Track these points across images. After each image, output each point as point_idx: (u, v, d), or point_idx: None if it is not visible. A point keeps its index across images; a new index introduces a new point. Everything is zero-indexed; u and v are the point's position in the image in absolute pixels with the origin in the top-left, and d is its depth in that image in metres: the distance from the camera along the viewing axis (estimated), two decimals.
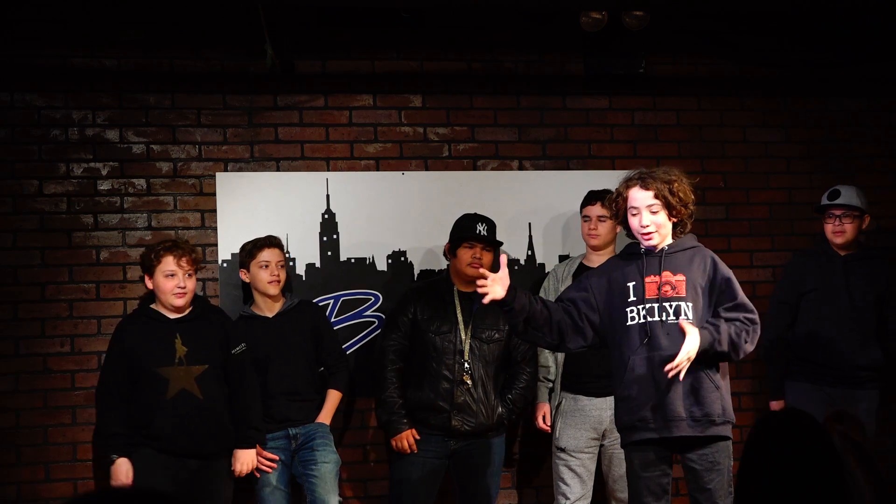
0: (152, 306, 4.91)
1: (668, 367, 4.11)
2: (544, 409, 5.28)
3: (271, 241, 5.16)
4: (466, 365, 5.04)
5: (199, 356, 4.82)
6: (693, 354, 4.12)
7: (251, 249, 5.14)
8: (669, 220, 4.31)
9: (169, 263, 4.82)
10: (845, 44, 5.91)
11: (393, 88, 5.65)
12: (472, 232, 5.09)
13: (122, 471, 4.73)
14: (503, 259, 4.26)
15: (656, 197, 4.26)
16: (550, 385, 5.28)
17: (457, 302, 5.13)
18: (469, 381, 5.02)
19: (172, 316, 4.86)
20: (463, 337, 5.07)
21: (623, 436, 4.40)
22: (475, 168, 5.69)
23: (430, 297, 5.16)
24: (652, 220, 4.28)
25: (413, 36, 5.66)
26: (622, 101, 5.85)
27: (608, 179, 5.51)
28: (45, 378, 5.25)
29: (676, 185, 4.28)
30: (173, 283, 4.81)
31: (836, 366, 5.29)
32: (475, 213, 5.21)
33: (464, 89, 5.70)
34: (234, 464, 4.88)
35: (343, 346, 5.39)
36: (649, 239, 4.30)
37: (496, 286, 4.15)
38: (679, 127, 5.92)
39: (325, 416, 5.14)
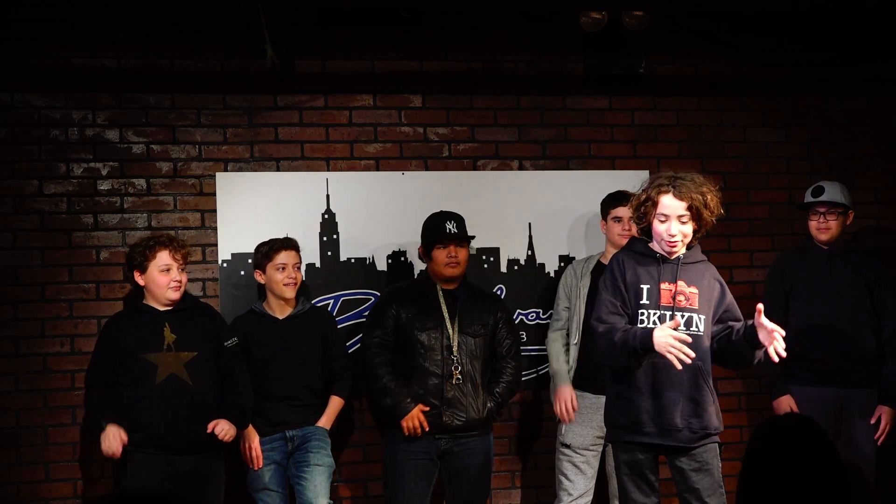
0: (144, 301, 4.88)
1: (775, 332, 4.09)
2: (570, 394, 5.19)
3: (288, 244, 5.13)
4: (455, 360, 5.04)
5: (188, 343, 4.79)
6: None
7: (267, 252, 5.10)
8: (698, 229, 4.29)
9: (164, 258, 4.80)
10: (845, 44, 5.91)
11: (393, 88, 5.64)
12: (442, 232, 5.10)
13: (113, 432, 4.63)
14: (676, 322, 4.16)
15: (689, 208, 4.21)
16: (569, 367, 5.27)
17: (441, 299, 5.13)
18: (459, 377, 5.02)
19: (162, 308, 4.85)
20: (450, 333, 5.07)
21: (612, 433, 4.40)
22: (475, 168, 5.68)
23: (413, 296, 5.14)
24: (680, 230, 4.23)
25: (413, 36, 5.66)
26: (622, 101, 5.85)
27: (608, 179, 5.54)
28: (45, 378, 5.25)
29: (710, 196, 4.23)
30: (169, 278, 4.80)
31: (831, 360, 5.25)
32: (442, 211, 5.20)
33: (464, 89, 5.70)
34: (216, 428, 4.72)
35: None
36: (673, 247, 4.26)
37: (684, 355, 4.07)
38: (679, 127, 5.91)
39: (326, 422, 5.11)
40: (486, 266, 5.59)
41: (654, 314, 4.24)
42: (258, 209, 5.44)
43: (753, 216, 5.94)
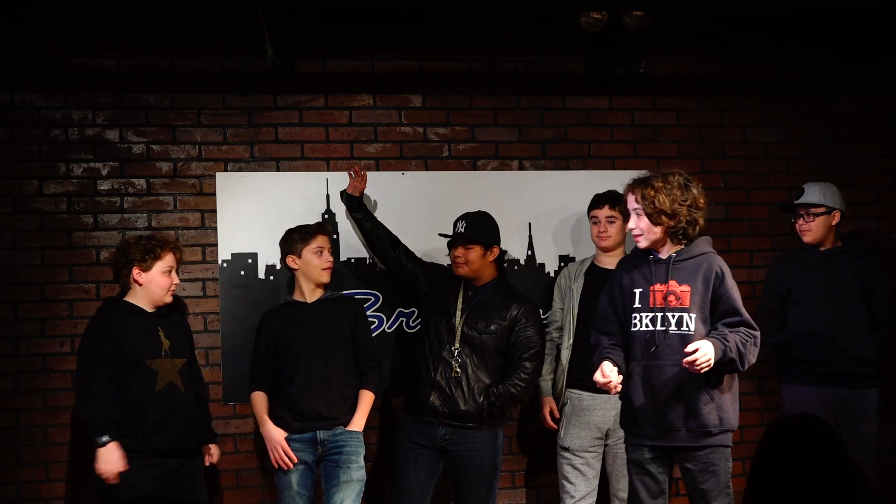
0: (127, 299, 4.81)
1: (686, 360, 4.09)
2: (550, 405, 5.30)
3: (323, 228, 5.14)
4: (455, 351, 5.03)
5: (179, 350, 4.82)
6: (712, 357, 4.10)
7: (304, 235, 5.07)
8: (655, 226, 4.30)
9: (169, 260, 4.81)
10: (845, 44, 5.90)
11: (393, 88, 5.64)
12: (452, 232, 5.13)
13: (116, 455, 4.55)
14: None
15: (636, 202, 4.32)
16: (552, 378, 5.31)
17: (461, 290, 5.14)
18: (457, 368, 5.01)
19: (150, 310, 4.81)
20: (457, 323, 5.07)
21: (625, 434, 4.49)
22: (475, 168, 5.69)
23: (444, 280, 5.22)
24: (636, 224, 4.33)
25: (413, 36, 5.66)
26: (622, 101, 5.85)
27: (608, 179, 5.53)
28: (45, 378, 5.25)
29: (650, 191, 4.26)
30: (170, 281, 4.81)
31: (828, 363, 5.25)
32: (472, 212, 5.21)
33: (464, 89, 5.70)
34: (207, 458, 4.90)
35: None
36: (637, 241, 4.37)
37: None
38: (679, 127, 5.92)
39: (359, 422, 5.00)
40: None
41: (647, 317, 4.29)
42: (258, 209, 5.44)
43: (753, 216, 5.95)
